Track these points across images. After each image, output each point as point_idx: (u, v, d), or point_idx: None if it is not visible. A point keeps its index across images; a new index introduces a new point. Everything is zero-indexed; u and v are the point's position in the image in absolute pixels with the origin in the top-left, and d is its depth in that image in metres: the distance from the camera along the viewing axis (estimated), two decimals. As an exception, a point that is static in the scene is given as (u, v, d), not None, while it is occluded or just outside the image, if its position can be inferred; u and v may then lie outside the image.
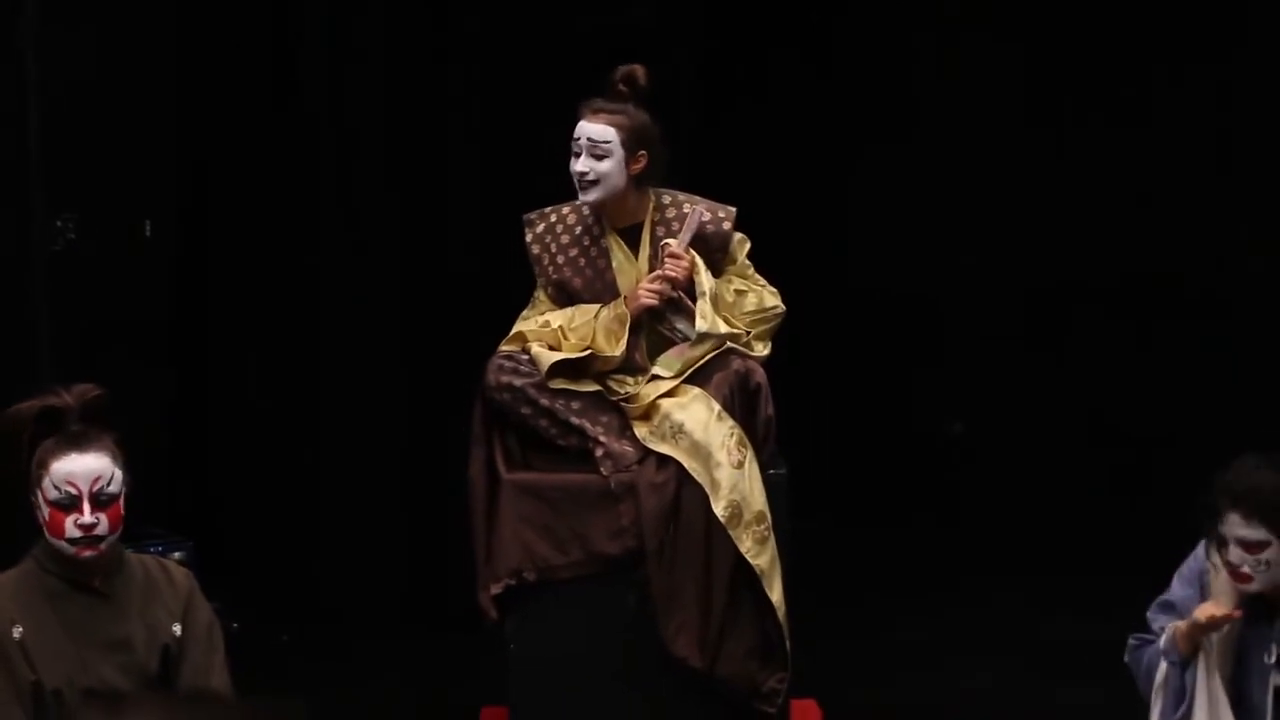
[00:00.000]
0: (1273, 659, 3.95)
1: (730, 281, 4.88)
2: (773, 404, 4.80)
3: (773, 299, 4.91)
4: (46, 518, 3.84)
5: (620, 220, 4.88)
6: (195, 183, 6.37)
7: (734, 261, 4.91)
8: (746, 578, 4.72)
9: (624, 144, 4.76)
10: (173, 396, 6.30)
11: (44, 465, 3.85)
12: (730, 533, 4.69)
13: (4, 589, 3.90)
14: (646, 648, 4.74)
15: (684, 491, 4.72)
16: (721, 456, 4.69)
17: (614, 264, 4.87)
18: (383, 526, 6.51)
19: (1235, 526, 3.88)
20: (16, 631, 3.82)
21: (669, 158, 4.90)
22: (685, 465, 4.71)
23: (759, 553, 4.71)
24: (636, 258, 4.87)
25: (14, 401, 5.24)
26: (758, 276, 4.93)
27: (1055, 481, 6.97)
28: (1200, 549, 4.08)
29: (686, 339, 4.80)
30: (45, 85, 5.52)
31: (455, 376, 5.67)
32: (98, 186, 5.87)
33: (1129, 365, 7.10)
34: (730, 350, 4.80)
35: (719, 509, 4.69)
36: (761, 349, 4.87)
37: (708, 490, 4.70)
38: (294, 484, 6.49)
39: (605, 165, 4.76)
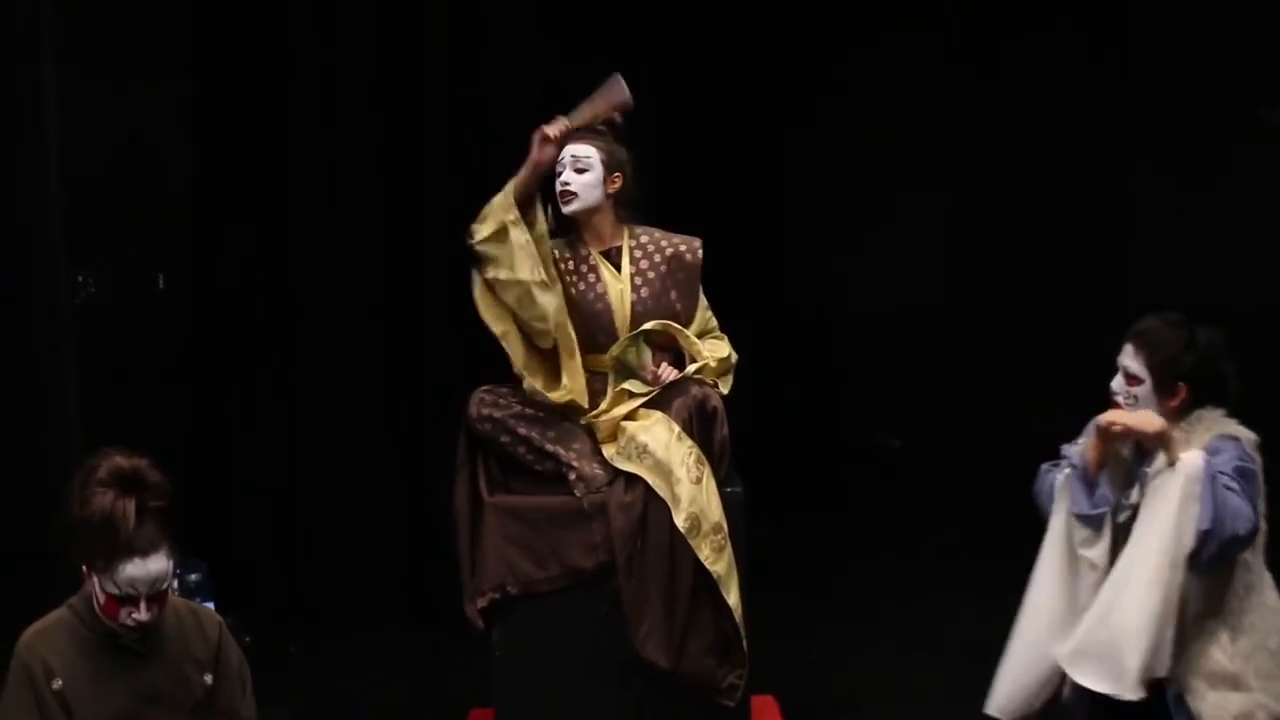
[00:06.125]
0: (1129, 499, 4.15)
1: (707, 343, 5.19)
2: (727, 426, 5.00)
3: (727, 348, 5.21)
4: (102, 602, 3.81)
5: (601, 244, 5.19)
6: (206, 239, 6.57)
7: (698, 302, 5.22)
8: (706, 584, 4.94)
9: (604, 163, 5.09)
10: (188, 431, 6.44)
11: (109, 563, 3.77)
12: (690, 542, 4.90)
13: (43, 640, 3.88)
14: (619, 652, 4.93)
15: (649, 509, 4.93)
16: (681, 473, 4.91)
17: (602, 277, 5.16)
18: (379, 546, 6.74)
19: (1125, 356, 4.21)
20: (56, 684, 3.82)
21: (641, 191, 5.20)
22: (649, 481, 4.92)
23: (716, 560, 4.93)
24: (619, 273, 5.18)
25: (41, 439, 5.29)
26: (716, 328, 5.25)
27: (986, 488, 7.01)
28: None
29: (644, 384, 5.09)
30: (65, 153, 5.67)
31: (441, 411, 5.93)
32: (115, 245, 6.05)
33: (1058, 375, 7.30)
34: (689, 379, 5.07)
35: (680, 521, 4.90)
36: (724, 388, 5.15)
37: (669, 504, 4.90)
38: (299, 509, 6.72)
39: (585, 179, 5.09)
